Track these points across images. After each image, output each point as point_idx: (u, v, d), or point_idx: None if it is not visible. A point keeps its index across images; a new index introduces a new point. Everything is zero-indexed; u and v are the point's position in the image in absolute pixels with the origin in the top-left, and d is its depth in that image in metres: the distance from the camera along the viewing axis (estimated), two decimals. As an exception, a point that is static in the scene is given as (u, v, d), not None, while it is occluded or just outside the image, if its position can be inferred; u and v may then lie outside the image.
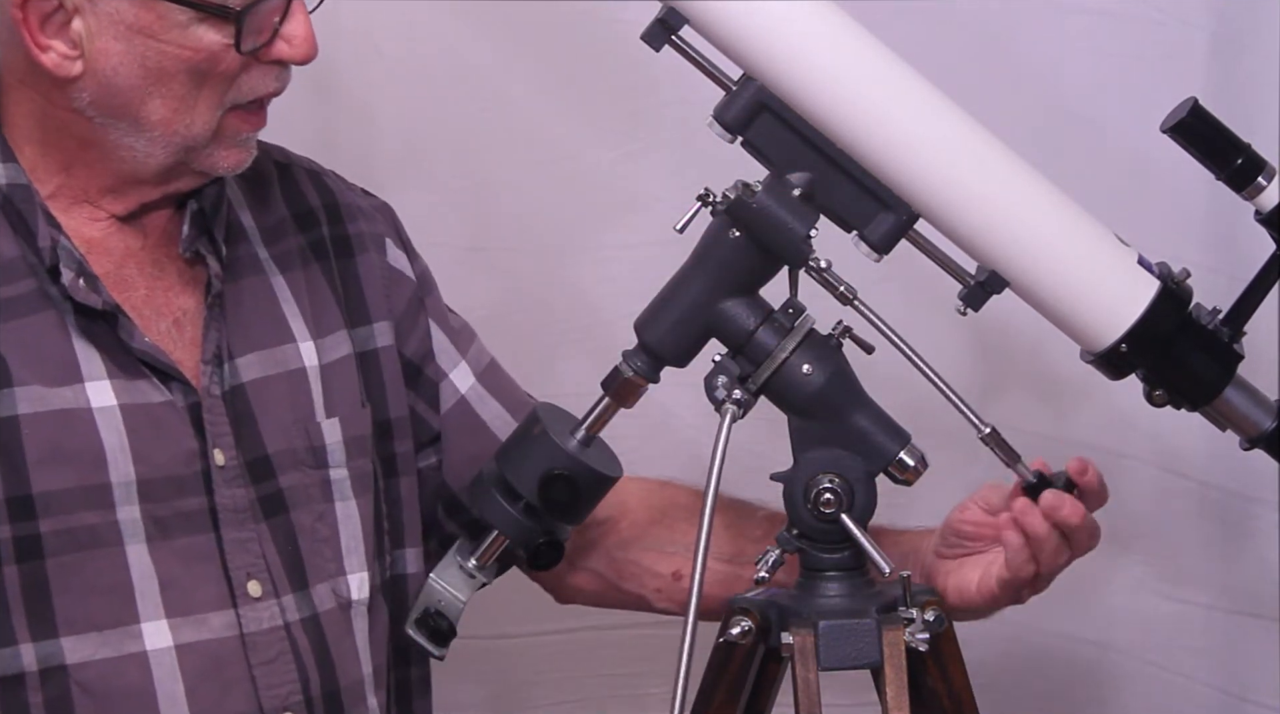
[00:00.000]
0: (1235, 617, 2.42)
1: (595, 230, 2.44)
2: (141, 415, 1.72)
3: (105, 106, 1.70)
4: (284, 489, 1.80)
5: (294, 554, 1.79)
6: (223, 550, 1.75)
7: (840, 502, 1.77)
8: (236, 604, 1.75)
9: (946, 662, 1.81)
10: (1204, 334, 1.79)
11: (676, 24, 1.78)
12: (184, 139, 1.72)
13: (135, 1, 1.65)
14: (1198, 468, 2.39)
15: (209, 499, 1.75)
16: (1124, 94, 2.35)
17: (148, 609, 1.71)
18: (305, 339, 1.84)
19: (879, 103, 1.76)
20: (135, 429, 1.71)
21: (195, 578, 1.74)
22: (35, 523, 1.67)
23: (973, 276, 1.81)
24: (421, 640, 1.87)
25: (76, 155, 1.73)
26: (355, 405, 1.86)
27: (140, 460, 1.71)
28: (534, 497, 1.80)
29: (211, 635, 1.74)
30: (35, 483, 1.68)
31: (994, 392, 2.40)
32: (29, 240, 1.71)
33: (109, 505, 1.70)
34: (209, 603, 1.74)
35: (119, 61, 1.67)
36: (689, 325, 1.78)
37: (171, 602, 1.72)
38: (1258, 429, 1.82)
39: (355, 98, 2.42)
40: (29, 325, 1.70)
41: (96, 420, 1.70)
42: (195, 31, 1.67)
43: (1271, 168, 1.76)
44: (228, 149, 1.75)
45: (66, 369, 1.70)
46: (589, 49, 2.38)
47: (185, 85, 1.69)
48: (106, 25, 1.66)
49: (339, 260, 1.90)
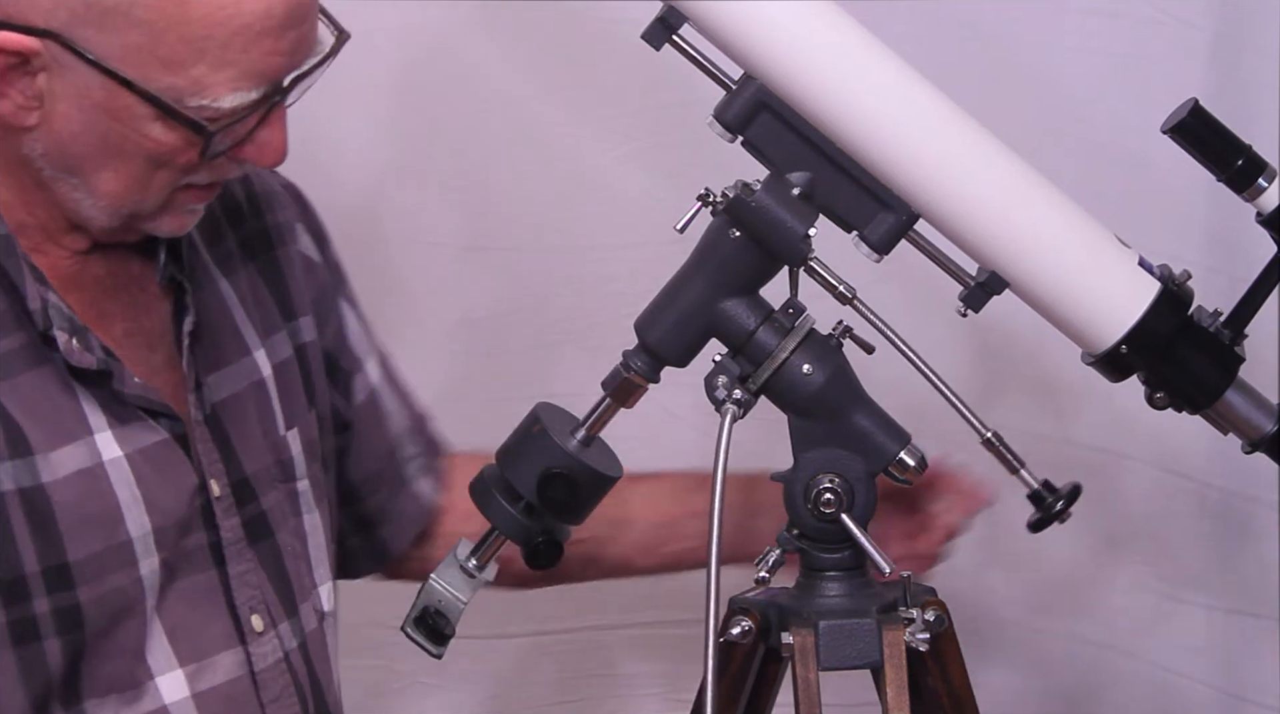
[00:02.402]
0: (1235, 617, 2.42)
1: (595, 230, 2.44)
2: (144, 461, 1.65)
3: (56, 162, 1.62)
4: (266, 511, 1.75)
5: (283, 578, 1.76)
6: (228, 586, 1.70)
7: (840, 502, 1.77)
8: (245, 641, 1.71)
9: (946, 662, 1.81)
10: (1205, 336, 1.79)
11: (676, 23, 1.78)
12: (131, 209, 1.64)
13: (105, 84, 1.56)
14: (1198, 469, 2.39)
15: (211, 534, 1.70)
16: (1124, 94, 2.35)
17: (159, 662, 1.66)
18: (257, 347, 1.79)
19: (879, 102, 1.76)
20: (142, 477, 1.65)
21: (202, 619, 1.68)
22: (74, 592, 1.60)
23: (973, 277, 1.81)
24: (420, 640, 1.86)
25: (33, 193, 1.64)
26: (304, 409, 1.83)
27: (153, 510, 1.65)
28: (533, 496, 1.80)
29: (225, 678, 1.69)
30: (71, 550, 1.60)
31: (994, 393, 2.40)
32: (12, 294, 1.62)
33: (133, 563, 1.63)
34: (218, 644, 1.69)
35: (79, 129, 1.58)
36: (689, 325, 1.78)
37: (181, 649, 1.66)
38: (1259, 432, 1.82)
39: (355, 98, 2.42)
40: (29, 383, 1.61)
41: (110, 475, 1.63)
42: (159, 127, 1.58)
43: (1272, 169, 1.76)
44: (173, 216, 1.67)
45: (75, 424, 1.63)
46: (589, 49, 2.38)
47: (142, 168, 1.61)
48: (72, 93, 1.57)
49: (267, 253, 1.84)
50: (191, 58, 1.54)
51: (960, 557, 2.47)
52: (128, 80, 1.55)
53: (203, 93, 1.56)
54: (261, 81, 1.58)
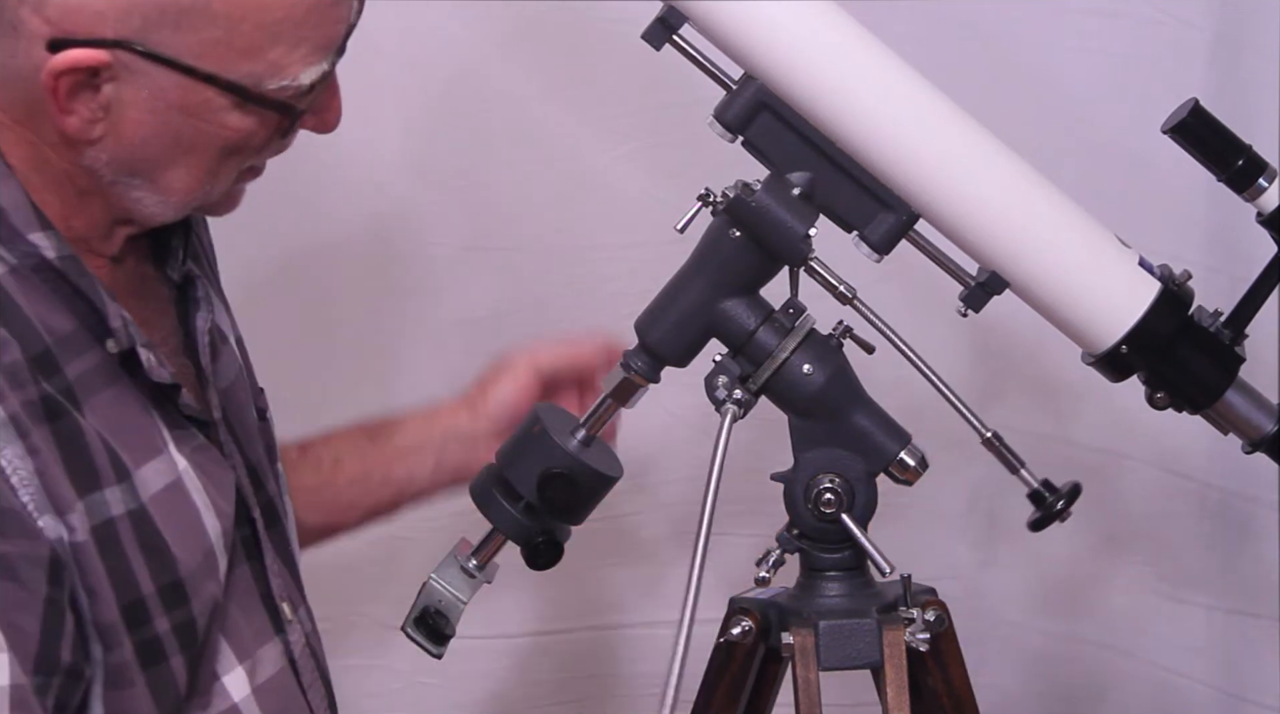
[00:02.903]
0: (1235, 617, 2.42)
1: (595, 230, 2.44)
2: (198, 466, 1.64)
3: (123, 168, 1.59)
4: (272, 497, 1.75)
5: (292, 562, 1.76)
6: (265, 577, 1.70)
7: (840, 502, 1.77)
8: (283, 630, 1.70)
9: (947, 662, 1.81)
10: (1205, 336, 1.79)
11: (676, 23, 1.78)
12: (200, 202, 1.65)
13: (184, 83, 1.54)
14: (1198, 469, 2.39)
15: (245, 528, 1.69)
16: (1124, 94, 2.35)
17: (224, 662, 1.64)
18: (230, 332, 1.78)
19: (879, 102, 1.76)
20: (205, 485, 1.63)
21: (247, 614, 1.68)
22: (189, 607, 1.59)
23: (973, 277, 1.81)
24: (420, 640, 1.87)
25: (74, 204, 1.61)
26: (259, 392, 1.84)
27: (219, 513, 1.63)
28: (533, 496, 1.80)
29: (274, 669, 1.68)
30: (180, 566, 1.59)
31: (994, 392, 2.40)
32: (81, 313, 1.58)
33: (216, 569, 1.63)
34: (262, 636, 1.69)
35: (150, 133, 1.57)
36: (689, 325, 1.78)
37: (237, 646, 1.65)
38: (1259, 432, 1.82)
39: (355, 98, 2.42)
40: (110, 401, 1.58)
41: (187, 485, 1.62)
42: (236, 115, 1.58)
43: (1273, 169, 1.76)
44: (231, 199, 1.69)
45: (154, 439, 1.61)
46: (589, 49, 2.38)
47: (214, 158, 1.61)
48: (144, 99, 1.55)
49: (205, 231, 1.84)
50: (269, 42, 1.55)
51: (960, 557, 2.48)
52: (211, 75, 1.54)
53: (281, 74, 1.57)
54: (330, 51, 1.60)
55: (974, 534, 2.48)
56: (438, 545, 1.91)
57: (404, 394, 2.49)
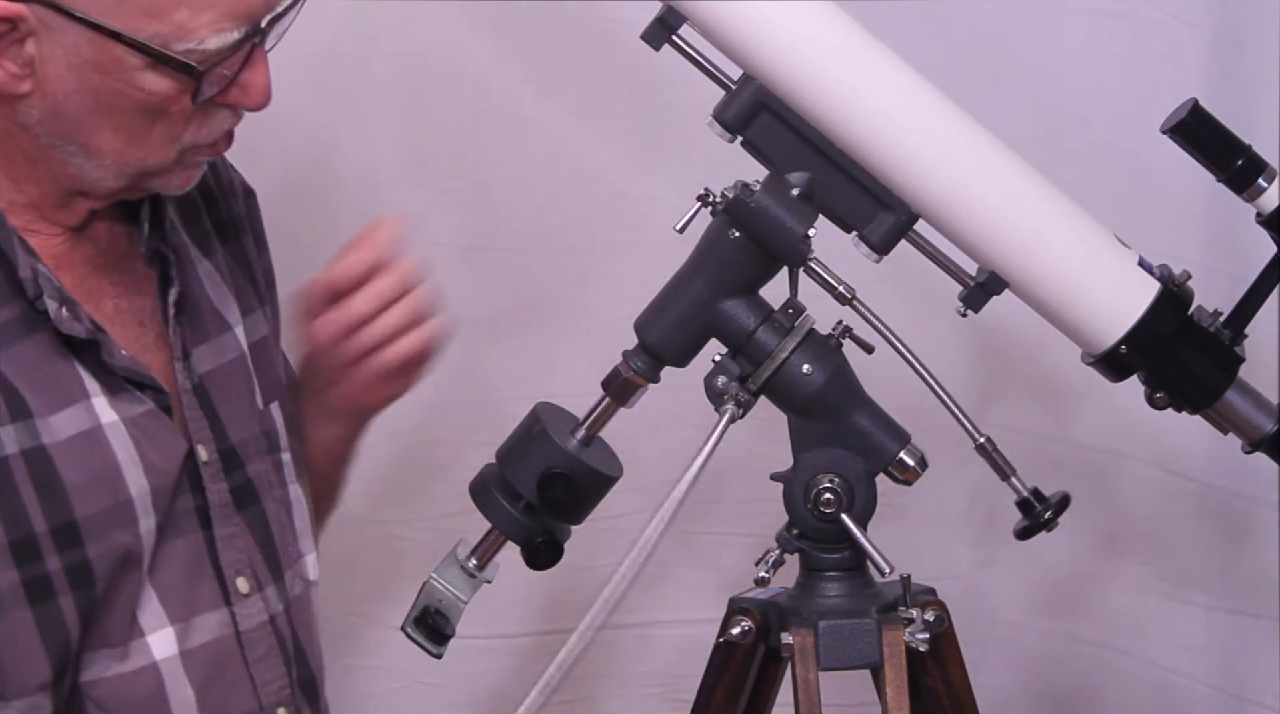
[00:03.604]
0: (1235, 617, 2.42)
1: (595, 230, 2.44)
2: (137, 427, 1.70)
3: (53, 128, 1.66)
4: (252, 478, 1.80)
5: (269, 544, 1.80)
6: (214, 549, 1.75)
7: (840, 502, 1.77)
8: (230, 603, 1.75)
9: (946, 662, 1.81)
10: (1205, 336, 1.79)
11: (676, 23, 1.78)
12: (137, 167, 1.69)
13: (93, 39, 1.60)
14: (1198, 469, 2.39)
15: (199, 498, 1.74)
16: (1124, 94, 2.35)
17: (150, 620, 1.70)
18: (237, 323, 1.84)
19: (878, 102, 1.76)
20: (138, 441, 1.69)
21: (191, 580, 1.73)
22: (83, 549, 1.65)
23: (973, 277, 1.81)
24: (420, 640, 1.87)
25: (24, 170, 1.69)
26: (280, 386, 1.88)
27: (150, 472, 1.69)
28: (533, 496, 1.80)
29: (212, 637, 1.74)
30: (78, 508, 1.65)
31: (994, 392, 2.40)
32: (4, 266, 1.67)
33: (134, 521, 1.68)
34: (205, 604, 1.74)
35: (71, 90, 1.63)
36: (689, 325, 1.79)
37: (171, 608, 1.71)
38: (1259, 432, 1.82)
39: (355, 98, 2.42)
40: (25, 351, 1.66)
41: (109, 437, 1.68)
42: (150, 76, 1.63)
43: (1272, 170, 1.76)
44: (182, 172, 1.72)
45: (72, 388, 1.67)
46: (589, 49, 2.38)
47: (137, 121, 1.65)
48: (60, 55, 1.61)
49: (236, 240, 1.89)
50: (173, 3, 1.60)
51: (960, 557, 2.48)
52: (116, 31, 1.60)
53: (187, 36, 1.61)
54: (241, 21, 1.63)
55: (974, 534, 2.48)
56: (438, 545, 1.91)
57: (404, 394, 2.49)
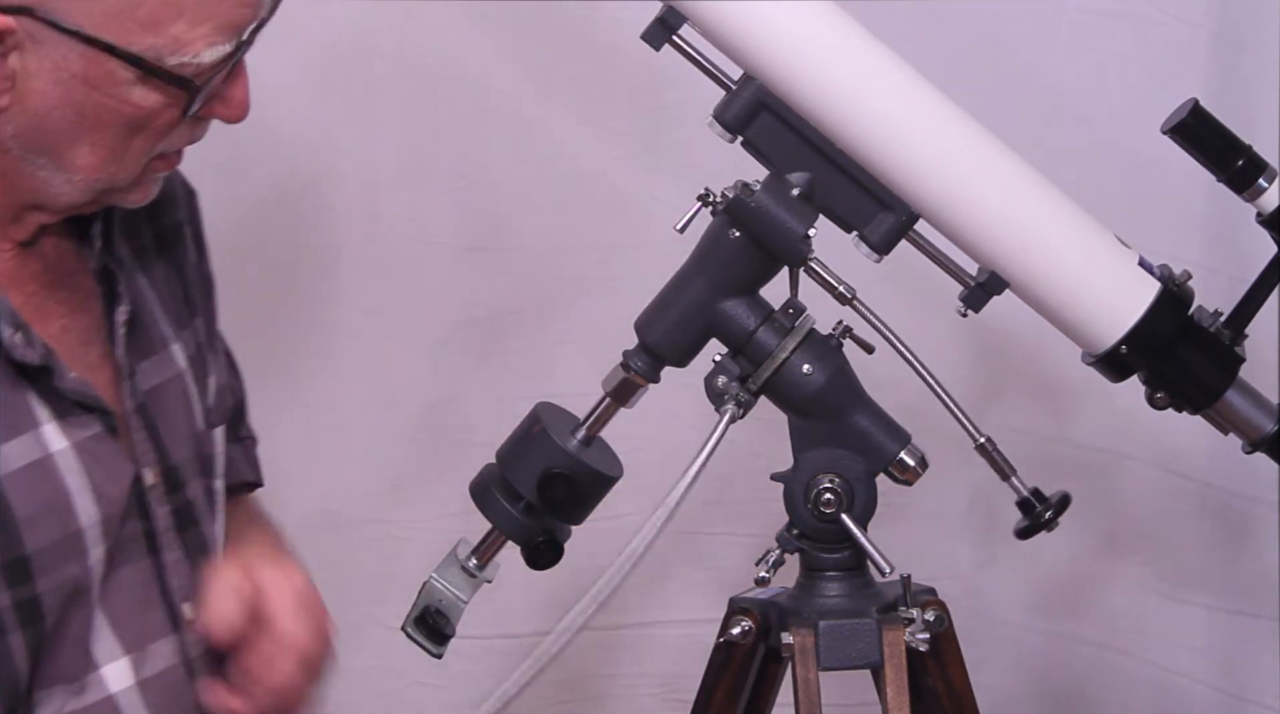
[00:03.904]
0: (1235, 617, 2.42)
1: (595, 230, 2.44)
2: (87, 453, 1.65)
3: (29, 141, 1.60)
4: (192, 500, 1.75)
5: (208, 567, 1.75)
6: (163, 575, 1.70)
7: (840, 502, 1.77)
8: (179, 629, 1.70)
9: (946, 662, 1.81)
10: (1205, 337, 1.79)
11: (676, 23, 1.78)
12: (106, 183, 1.64)
13: (84, 53, 1.55)
14: (1198, 469, 2.39)
15: (144, 522, 1.69)
16: (1124, 94, 2.35)
17: (103, 652, 1.66)
18: (174, 340, 1.78)
19: (878, 102, 1.76)
20: (88, 467, 1.64)
21: (142, 607, 1.68)
22: (33, 584, 1.60)
23: (973, 277, 1.81)
24: (420, 640, 1.87)
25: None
26: (221, 408, 1.83)
27: (100, 499, 1.64)
28: (533, 496, 1.80)
29: (164, 665, 1.69)
30: (28, 542, 1.60)
31: (994, 392, 2.40)
32: None
33: (84, 552, 1.63)
34: (155, 631, 1.69)
35: (54, 105, 1.57)
36: (689, 325, 1.78)
37: (124, 637, 1.67)
38: (1259, 432, 1.82)
39: (355, 98, 2.42)
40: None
41: (59, 466, 1.63)
42: (139, 90, 1.58)
43: (1273, 170, 1.76)
44: (142, 188, 1.68)
45: (22, 418, 1.62)
46: (589, 49, 2.38)
47: (118, 136, 1.61)
48: (48, 69, 1.56)
49: (173, 250, 1.83)
50: (171, 16, 1.56)
51: (960, 557, 2.48)
52: (110, 45, 1.56)
53: (182, 49, 1.58)
54: (234, 34, 1.60)
55: (974, 534, 2.48)
56: (438, 545, 1.91)
57: (404, 394, 2.49)
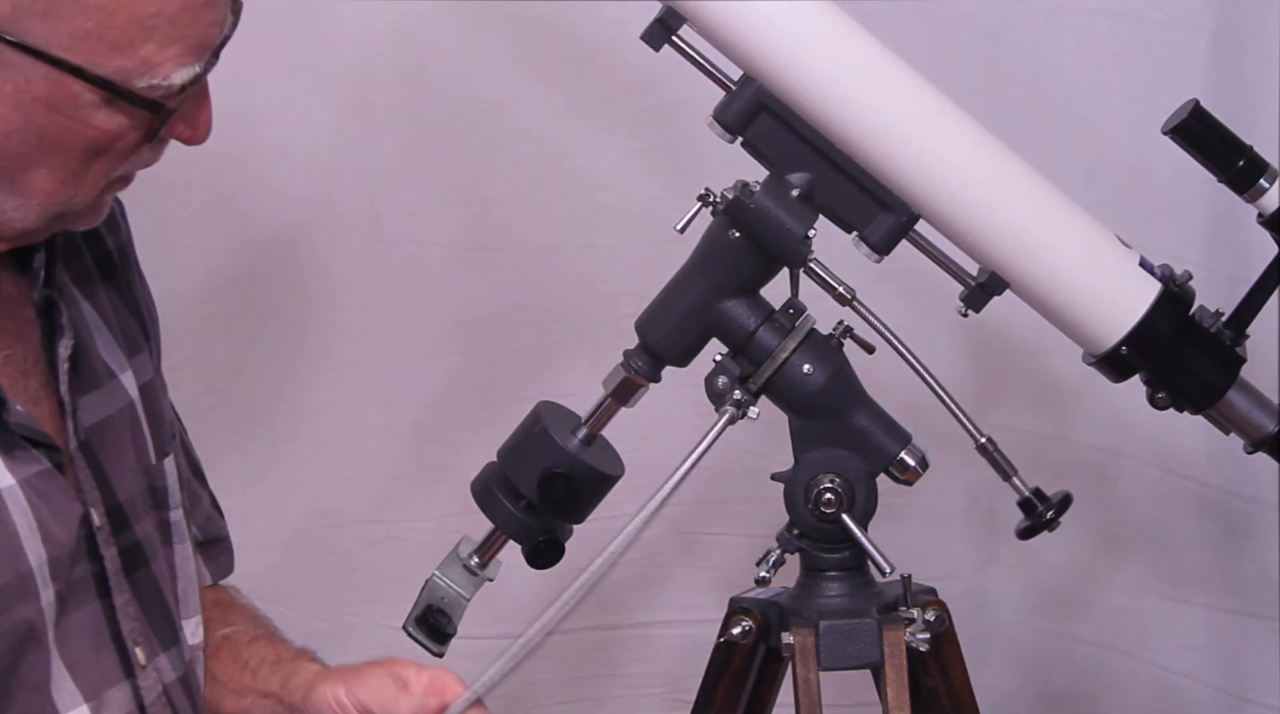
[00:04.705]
0: (1235, 617, 2.42)
1: (595, 230, 2.44)
2: (33, 490, 1.58)
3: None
4: (140, 540, 1.68)
5: (160, 609, 1.70)
6: (115, 618, 1.64)
7: (841, 502, 1.77)
8: (133, 674, 1.65)
9: (947, 661, 1.81)
10: (1206, 337, 1.79)
11: (675, 24, 1.78)
12: (62, 208, 1.58)
13: (50, 75, 1.49)
14: (1198, 468, 2.39)
15: (94, 564, 1.63)
16: (1124, 94, 2.35)
17: (64, 699, 1.59)
18: (124, 369, 1.72)
19: (878, 103, 1.76)
20: (35, 506, 1.56)
21: (96, 653, 1.63)
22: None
23: (973, 277, 1.81)
24: (421, 639, 1.87)
25: None
26: (169, 436, 1.77)
27: (48, 539, 1.58)
28: (534, 495, 1.80)
29: (121, 713, 1.63)
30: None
31: (995, 392, 2.40)
32: None
33: (35, 594, 1.57)
34: (109, 678, 1.63)
35: (13, 128, 1.51)
36: (690, 325, 1.78)
37: (83, 684, 1.61)
38: (1261, 432, 1.82)
39: (355, 98, 2.42)
40: None
41: (7, 504, 1.55)
42: (103, 113, 1.52)
43: (1273, 170, 1.76)
44: (95, 210, 1.62)
45: None
46: (589, 49, 2.38)
47: (78, 159, 1.55)
48: (9, 91, 1.50)
49: (119, 273, 1.77)
50: (141, 37, 1.51)
51: (960, 557, 2.48)
52: (78, 68, 1.50)
53: (152, 71, 1.52)
54: (202, 54, 1.54)
55: (974, 534, 2.48)
56: (438, 545, 1.91)
57: (404, 394, 2.49)
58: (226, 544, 1.89)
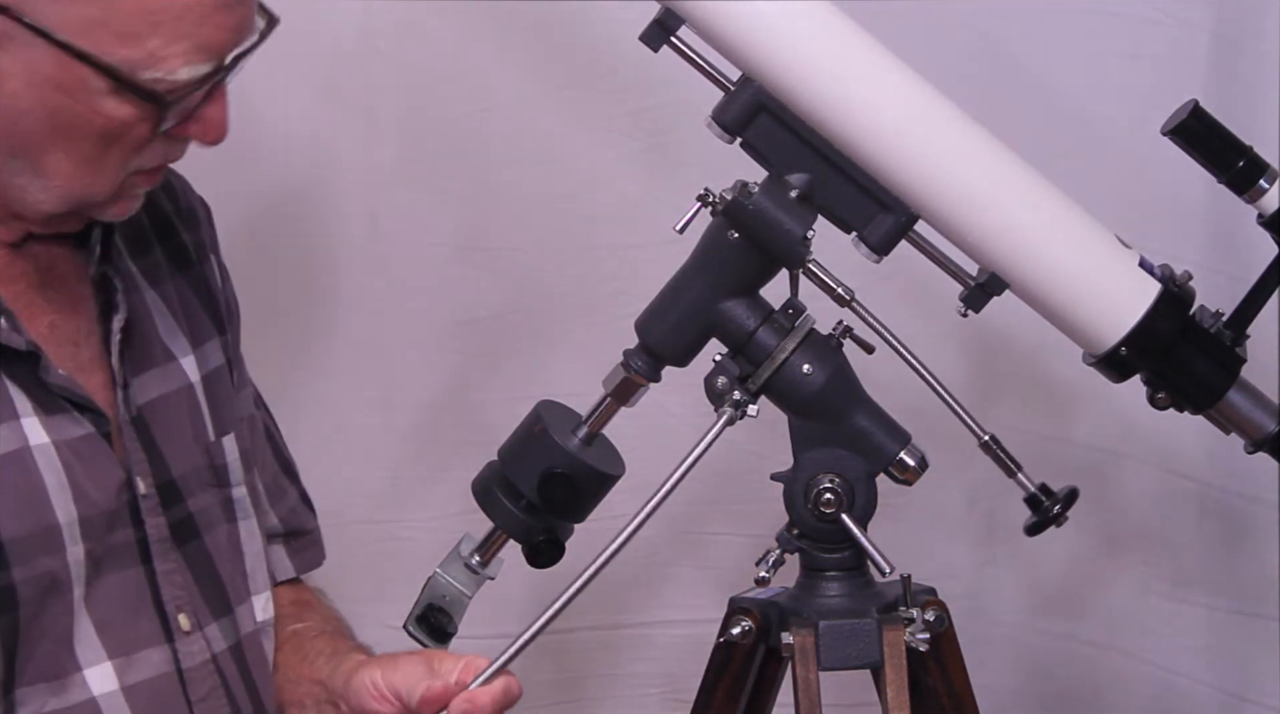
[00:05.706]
0: (1235, 617, 2.42)
1: (595, 230, 2.44)
2: (70, 451, 1.65)
3: (3, 144, 1.60)
4: (194, 513, 1.74)
5: (214, 581, 1.75)
6: (155, 584, 1.70)
7: (840, 502, 1.77)
8: (173, 639, 1.70)
9: (947, 661, 1.81)
10: (1206, 337, 1.79)
11: (674, 25, 1.78)
12: (82, 196, 1.64)
13: (58, 58, 1.55)
14: (1198, 468, 2.39)
15: (138, 531, 1.69)
16: (1124, 94, 2.35)
17: (88, 654, 1.65)
18: (186, 354, 1.78)
19: (877, 103, 1.76)
20: (69, 465, 1.64)
21: (129, 615, 1.68)
22: (9, 571, 1.60)
23: (973, 277, 1.81)
24: (422, 638, 1.87)
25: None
26: (236, 419, 1.82)
27: (80, 498, 1.64)
28: (534, 495, 1.80)
29: (154, 673, 1.69)
30: (4, 529, 1.60)
31: (995, 392, 2.40)
32: None
33: (60, 548, 1.63)
34: (146, 640, 1.69)
35: (27, 107, 1.57)
36: (689, 325, 1.78)
37: (110, 643, 1.66)
38: (1261, 432, 1.82)
39: (355, 98, 2.42)
40: None
41: (37, 460, 1.62)
42: (111, 101, 1.57)
43: (1273, 171, 1.76)
44: (122, 203, 1.67)
45: (1, 407, 1.62)
46: (589, 49, 2.38)
47: (93, 146, 1.60)
48: (21, 70, 1.56)
49: (195, 267, 1.84)
50: (147, 30, 1.56)
51: (960, 557, 2.48)
52: (84, 52, 1.55)
53: (157, 65, 1.57)
54: (211, 55, 1.59)
55: (974, 534, 2.48)
56: (438, 545, 1.91)
57: (404, 394, 2.49)
58: (313, 537, 1.97)
